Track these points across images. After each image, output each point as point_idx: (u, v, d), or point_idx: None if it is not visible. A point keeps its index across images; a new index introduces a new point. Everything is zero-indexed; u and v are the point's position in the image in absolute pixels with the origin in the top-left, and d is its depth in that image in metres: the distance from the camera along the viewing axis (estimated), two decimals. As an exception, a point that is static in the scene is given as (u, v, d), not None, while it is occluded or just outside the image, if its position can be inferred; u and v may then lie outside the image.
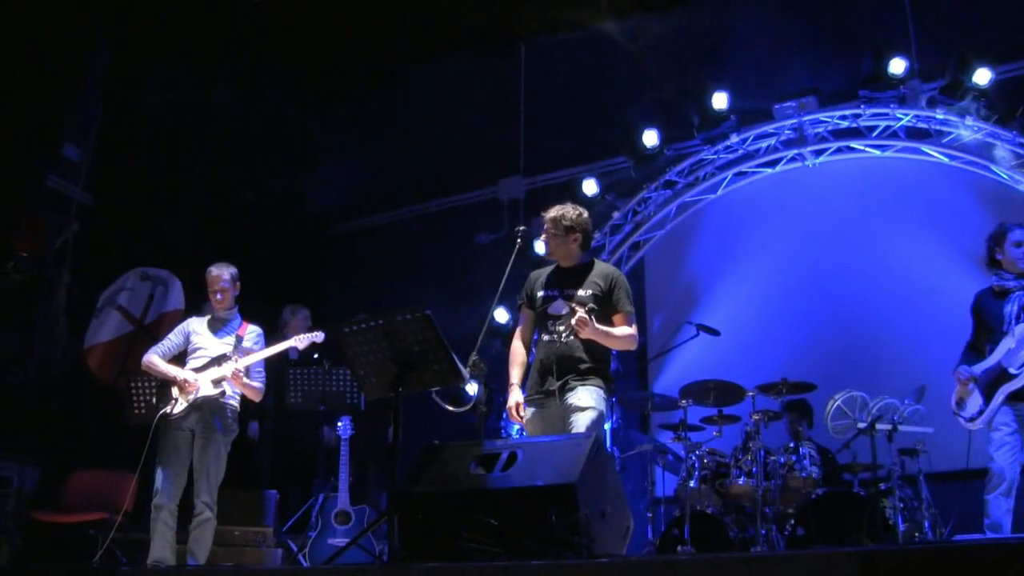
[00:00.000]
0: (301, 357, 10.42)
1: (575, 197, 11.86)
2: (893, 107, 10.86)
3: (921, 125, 10.85)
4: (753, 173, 11.97)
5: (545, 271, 7.13)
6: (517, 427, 7.19)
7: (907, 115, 10.85)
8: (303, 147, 13.95)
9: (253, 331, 8.34)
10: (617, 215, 12.24)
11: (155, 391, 8.06)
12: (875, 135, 11.18)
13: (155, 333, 8.45)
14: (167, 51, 12.17)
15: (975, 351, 7.69)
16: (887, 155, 11.21)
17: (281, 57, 13.10)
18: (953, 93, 10.47)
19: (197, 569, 7.36)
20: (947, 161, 10.72)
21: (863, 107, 11.02)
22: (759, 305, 11.54)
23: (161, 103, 12.32)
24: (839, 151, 11.48)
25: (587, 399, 6.62)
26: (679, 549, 8.55)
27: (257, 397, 8.19)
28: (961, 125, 10.44)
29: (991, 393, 7.39)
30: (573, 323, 6.54)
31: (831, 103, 11.38)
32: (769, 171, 11.91)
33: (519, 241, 7.08)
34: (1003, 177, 10.32)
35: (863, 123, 11.18)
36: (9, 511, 10.03)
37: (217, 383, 7.93)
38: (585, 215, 7.04)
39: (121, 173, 12.30)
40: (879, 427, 8.46)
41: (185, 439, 7.85)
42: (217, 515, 7.92)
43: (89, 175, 12.50)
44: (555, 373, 6.73)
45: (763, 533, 8.50)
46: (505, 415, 7.17)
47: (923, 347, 10.07)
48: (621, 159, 12.38)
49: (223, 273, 8.27)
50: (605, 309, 6.80)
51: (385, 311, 5.96)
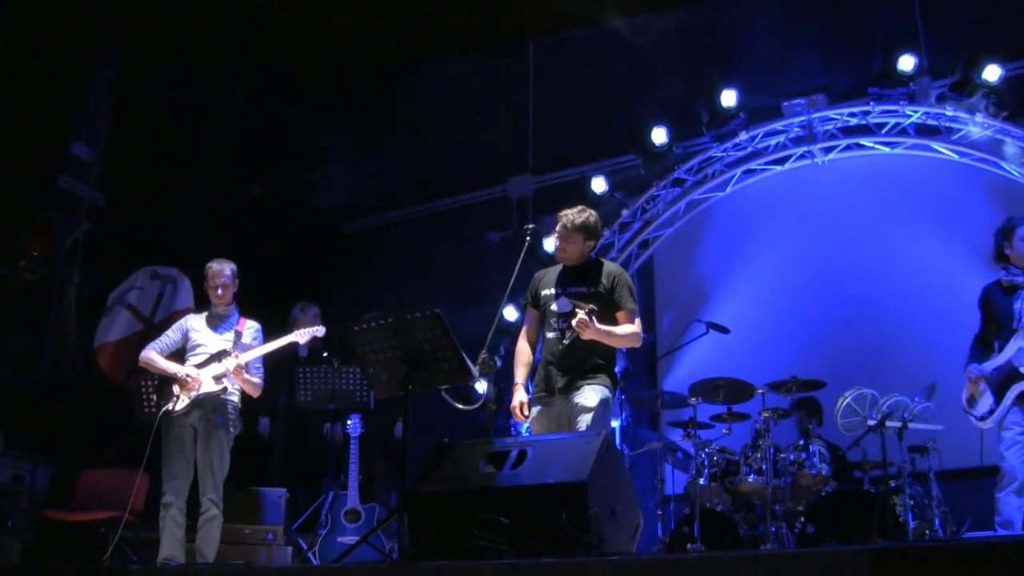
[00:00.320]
0: (311, 356, 10.44)
1: (584, 195, 11.89)
2: (903, 104, 10.84)
3: (931, 122, 10.83)
4: (762, 171, 11.95)
5: (550, 270, 7.16)
6: (526, 425, 7.20)
7: (917, 112, 10.82)
8: (312, 146, 13.94)
9: (251, 326, 8.33)
10: (626, 213, 12.23)
11: (156, 388, 8.07)
12: (885, 132, 11.15)
13: (165, 332, 8.41)
14: (176, 51, 12.19)
15: (984, 344, 7.68)
16: (897, 152, 11.19)
17: (290, 57, 13.11)
18: (963, 90, 10.45)
19: (207, 568, 7.36)
20: (957, 158, 10.70)
21: (873, 104, 10.99)
22: (768, 303, 11.52)
23: (170, 103, 12.33)
24: (849, 148, 11.45)
25: (593, 398, 6.65)
26: (689, 547, 8.54)
27: (256, 392, 8.19)
28: (971, 122, 10.41)
29: (1002, 392, 7.38)
30: (574, 325, 6.56)
31: (841, 100, 11.35)
32: (778, 168, 11.89)
33: (528, 239, 7.08)
34: (1013, 174, 10.29)
35: (873, 120, 11.15)
36: (21, 509, 10.06)
37: (218, 379, 7.95)
38: (595, 216, 7.07)
39: (131, 172, 12.32)
40: (889, 424, 8.44)
41: (189, 436, 7.87)
42: (228, 514, 7.93)
43: (99, 174, 12.52)
44: (561, 371, 6.76)
45: (773, 531, 8.49)
46: None
47: (933, 344, 10.05)
48: (630, 157, 12.36)
49: (224, 268, 8.27)
50: (608, 307, 6.83)
51: (395, 309, 5.96)
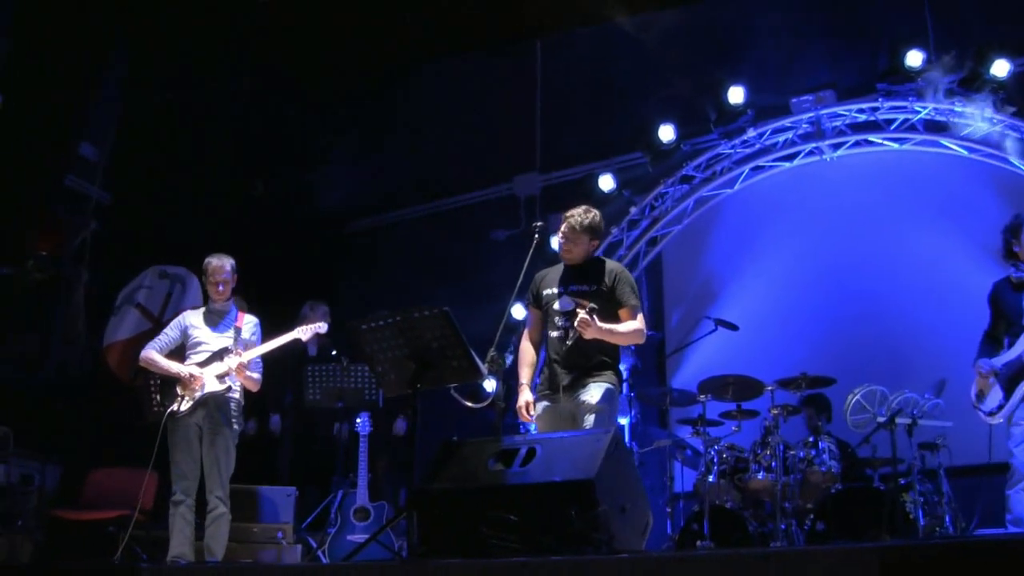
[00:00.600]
0: (320, 354, 10.44)
1: (591, 192, 11.89)
2: (911, 100, 10.80)
3: (939, 118, 10.79)
4: (771, 167, 11.93)
5: (551, 270, 7.19)
6: (534, 424, 7.20)
7: (925, 108, 10.79)
8: (317, 146, 13.95)
9: (250, 321, 8.29)
10: (634, 210, 12.21)
11: (159, 388, 8.04)
12: (893, 128, 11.13)
13: (163, 330, 8.39)
14: (183, 52, 12.19)
15: (993, 341, 7.65)
16: (905, 148, 11.15)
17: (293, 57, 13.11)
18: (971, 85, 10.42)
19: (216, 566, 7.36)
20: (966, 154, 10.67)
21: (881, 100, 10.97)
22: (777, 299, 11.51)
23: (175, 103, 12.34)
24: (857, 144, 11.42)
25: (599, 395, 6.68)
26: (698, 544, 8.54)
27: (255, 388, 8.16)
28: (979, 117, 10.38)
29: (1012, 387, 7.35)
30: (576, 324, 6.57)
31: (849, 97, 11.33)
32: (787, 165, 11.87)
33: (536, 237, 7.08)
34: (1022, 169, 10.26)
35: (881, 116, 11.12)
36: (31, 508, 10.08)
37: (221, 378, 7.92)
38: (600, 216, 7.11)
39: (138, 172, 12.33)
40: (899, 421, 8.42)
41: (195, 435, 7.85)
42: (237, 512, 7.92)
43: (106, 174, 12.54)
44: (565, 370, 6.78)
45: (782, 528, 8.48)
46: None
47: (942, 341, 10.02)
48: (638, 154, 12.32)
49: (224, 264, 8.19)
50: (610, 304, 6.86)
51: (403, 308, 5.96)
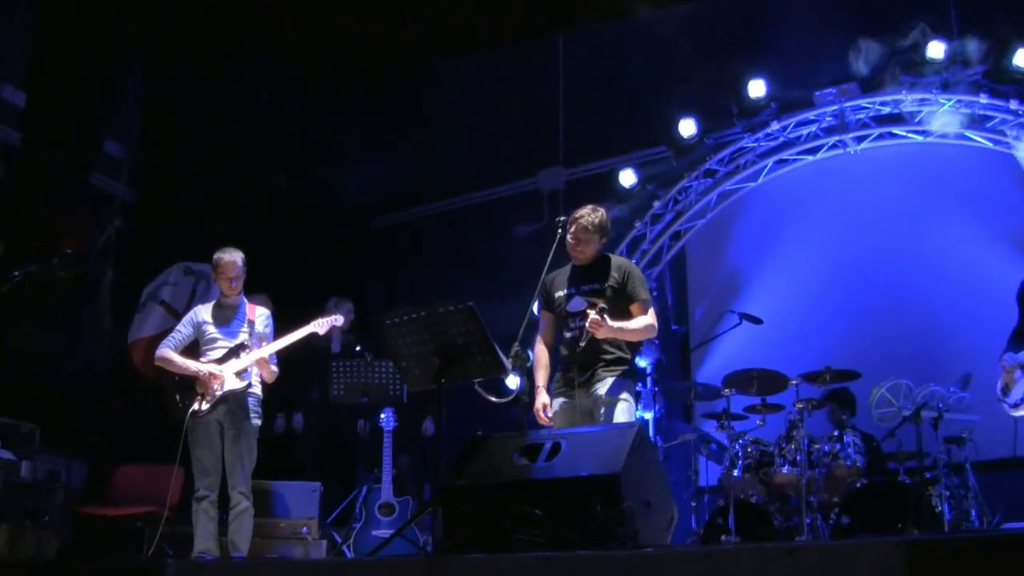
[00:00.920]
0: (343, 351, 10.46)
1: (615, 186, 11.88)
2: (935, 92, 10.75)
3: (964, 110, 10.73)
4: (794, 160, 11.89)
5: (559, 272, 7.20)
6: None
7: (950, 100, 10.73)
8: (343, 141, 13.97)
9: (262, 314, 8.24)
10: (658, 204, 12.18)
11: (177, 388, 8.01)
12: (917, 121, 11.08)
13: (175, 327, 8.36)
14: (207, 48, 12.23)
15: (1022, 338, 7.61)
16: (930, 140, 11.09)
17: (321, 52, 13.13)
18: (996, 77, 10.37)
19: (242, 561, 7.39)
20: (991, 146, 10.60)
21: (905, 92, 10.91)
22: (802, 293, 11.48)
23: (199, 100, 12.38)
24: (881, 137, 11.38)
25: (617, 391, 6.71)
26: (723, 539, 8.53)
27: (272, 379, 8.12)
28: (1005, 109, 10.33)
29: (1037, 381, 7.33)
30: (587, 326, 6.57)
31: (873, 89, 11.28)
32: (810, 158, 11.83)
33: (560, 232, 7.07)
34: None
35: (905, 109, 11.07)
36: (57, 505, 10.13)
37: (240, 374, 7.89)
38: (607, 214, 7.14)
39: (163, 169, 12.38)
40: (924, 415, 8.40)
41: (216, 431, 7.83)
42: (262, 508, 7.94)
43: (131, 172, 12.60)
44: (581, 367, 6.80)
45: (808, 522, 8.46)
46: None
47: (968, 334, 9.98)
48: (661, 148, 12.30)
49: (236, 259, 8.09)
50: (621, 300, 6.87)
51: (428, 303, 5.97)
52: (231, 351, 7.96)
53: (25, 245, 10.56)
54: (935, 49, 10.53)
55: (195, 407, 7.80)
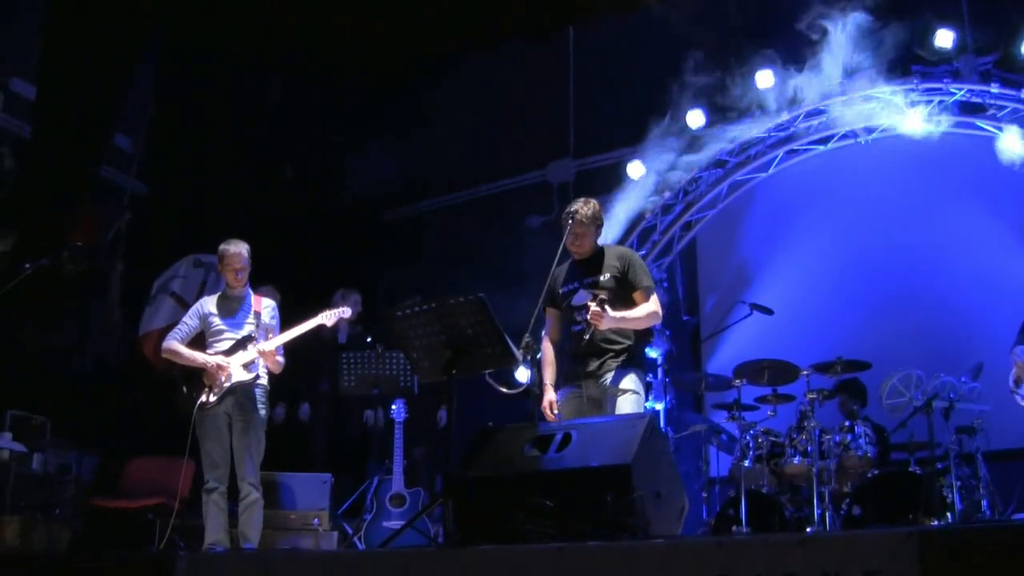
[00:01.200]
0: (355, 342, 10.46)
1: (625, 177, 11.86)
2: (947, 82, 10.71)
3: (975, 100, 10.69)
4: (805, 151, 11.85)
5: (561, 268, 7.21)
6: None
7: (961, 90, 10.68)
8: (354, 134, 13.98)
9: (268, 305, 8.23)
10: (668, 195, 12.15)
11: (184, 380, 7.99)
12: (929, 110, 11.03)
13: (182, 319, 8.34)
14: (217, 40, 12.24)
15: (1034, 330, 7.61)
16: (941, 130, 11.05)
17: (330, 45, 13.13)
18: (1007, 66, 10.34)
19: (253, 553, 7.40)
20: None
21: (916, 82, 10.87)
22: (813, 283, 11.46)
23: (209, 92, 12.39)
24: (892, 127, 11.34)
25: (626, 382, 6.74)
26: (734, 529, 8.53)
27: (279, 370, 8.09)
28: (1017, 99, 10.29)
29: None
30: (589, 319, 6.57)
31: (883, 79, 11.23)
32: (821, 148, 11.78)
33: (570, 223, 7.07)
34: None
35: (916, 98, 11.03)
36: (68, 497, 10.15)
37: (247, 366, 7.88)
38: (598, 204, 7.13)
39: (172, 162, 12.40)
40: (936, 405, 8.38)
41: (224, 423, 7.82)
42: (273, 500, 7.93)
43: (141, 165, 12.61)
44: (589, 357, 6.81)
45: (819, 513, 8.45)
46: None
47: (979, 324, 9.96)
48: (671, 139, 12.26)
49: (242, 250, 8.06)
50: (625, 289, 6.89)
51: (438, 295, 5.96)
52: (238, 343, 7.94)
53: (35, 238, 10.60)
54: (943, 38, 10.50)
55: (203, 399, 7.80)
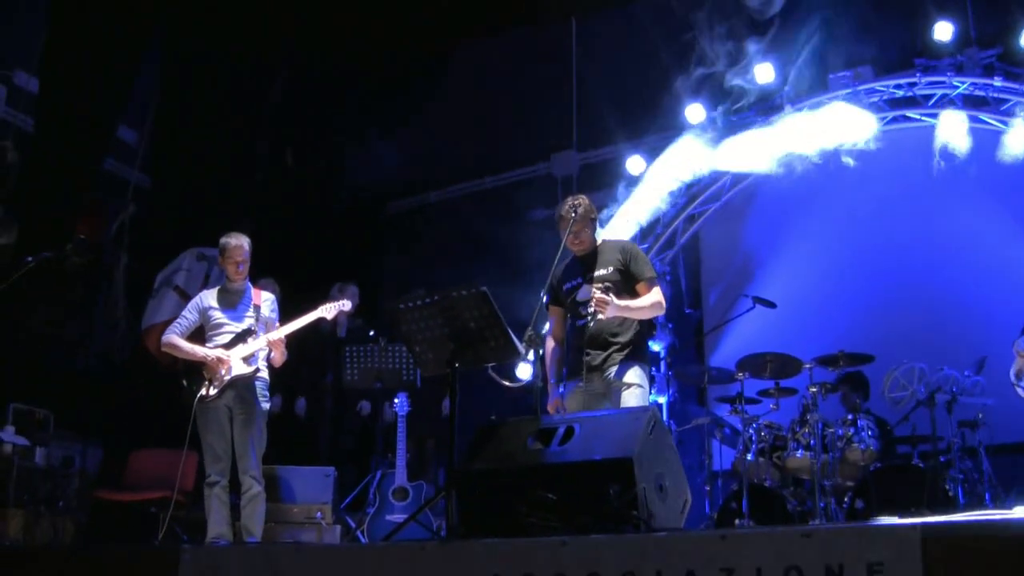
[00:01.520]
0: (355, 335, 10.46)
1: (626, 171, 11.88)
2: (950, 75, 10.71)
3: (978, 93, 10.69)
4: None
5: (563, 265, 7.21)
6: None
7: (964, 83, 10.69)
8: (357, 127, 13.97)
9: (268, 298, 8.20)
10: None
11: (185, 373, 7.97)
12: (931, 104, 11.03)
13: (181, 313, 8.32)
14: (220, 33, 12.23)
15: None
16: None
17: (333, 36, 13.12)
18: (1010, 59, 10.34)
19: (257, 546, 7.40)
20: (1005, 128, 10.56)
21: (919, 75, 10.87)
22: (815, 276, 11.46)
23: (214, 85, 12.39)
24: (895, 120, 11.33)
25: (630, 375, 6.74)
26: (737, 523, 8.54)
27: (281, 362, 8.05)
28: (1020, 92, 10.28)
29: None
30: (593, 304, 6.58)
31: (887, 72, 11.24)
32: (824, 141, 11.80)
33: (573, 215, 7.07)
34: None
35: (919, 92, 11.03)
36: (73, 490, 10.17)
37: (247, 359, 7.85)
38: (586, 198, 7.12)
39: (176, 155, 12.40)
40: (938, 399, 8.38)
41: (225, 416, 7.78)
42: (276, 493, 7.92)
43: (145, 157, 12.62)
44: (592, 351, 6.82)
45: (821, 506, 8.45)
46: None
47: (982, 317, 9.96)
48: (675, 132, 12.24)
49: (243, 243, 8.03)
50: (628, 282, 6.90)
51: (441, 287, 5.96)
52: (238, 336, 7.91)
53: (39, 231, 10.62)
54: (942, 31, 10.49)
55: (203, 392, 7.79)
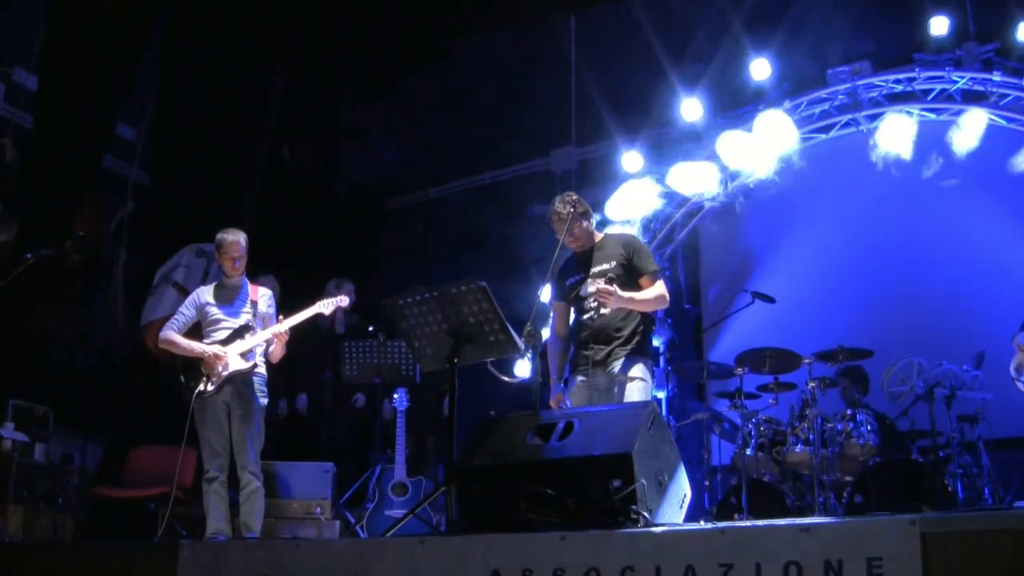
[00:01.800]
0: (353, 331, 10.46)
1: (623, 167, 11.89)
2: (949, 70, 10.71)
3: (977, 88, 10.69)
4: (807, 139, 11.85)
5: (567, 260, 7.24)
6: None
7: (963, 78, 10.69)
8: (357, 122, 13.98)
9: (265, 293, 8.18)
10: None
11: (182, 369, 7.93)
12: (930, 99, 11.03)
13: (179, 310, 8.30)
14: (220, 30, 12.23)
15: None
16: (943, 119, 11.05)
17: (333, 33, 13.12)
18: (1009, 54, 10.35)
19: (256, 541, 7.40)
20: (1004, 124, 10.58)
21: (918, 70, 10.87)
22: (815, 271, 11.46)
23: (214, 82, 12.39)
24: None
25: (633, 370, 6.73)
26: (736, 517, 8.54)
27: (280, 356, 8.02)
28: (1019, 87, 10.29)
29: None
30: (597, 294, 6.59)
31: (886, 67, 11.23)
32: (823, 136, 11.81)
33: (571, 211, 7.07)
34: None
35: (918, 87, 11.02)
36: (72, 487, 10.18)
37: (245, 355, 7.82)
38: (575, 194, 7.13)
39: (175, 152, 12.39)
40: (937, 393, 8.39)
41: (223, 411, 7.75)
42: (275, 489, 7.91)
43: (144, 154, 12.61)
44: (596, 345, 6.82)
45: (820, 501, 8.45)
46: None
47: (981, 312, 9.97)
48: (674, 125, 12.24)
49: (240, 239, 7.99)
50: (632, 275, 6.90)
51: (441, 283, 5.96)
52: (235, 332, 7.90)
53: (38, 228, 10.62)
54: (938, 25, 10.49)
55: (200, 388, 7.79)
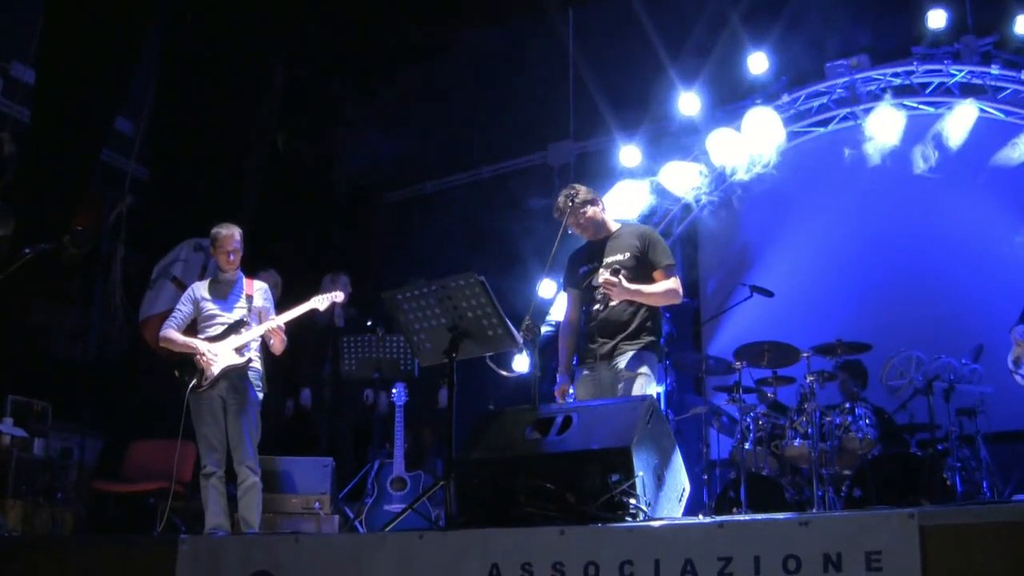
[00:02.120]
0: (351, 325, 10.46)
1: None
2: (947, 63, 10.71)
3: (976, 81, 10.69)
4: (805, 132, 11.87)
5: (581, 248, 7.20)
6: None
7: (961, 71, 10.69)
8: (355, 116, 13.96)
9: (260, 287, 8.18)
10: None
11: (178, 364, 7.93)
12: (929, 92, 11.03)
13: (176, 307, 8.29)
14: (218, 25, 12.21)
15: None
16: (941, 112, 11.05)
17: (331, 26, 13.11)
18: (1007, 47, 10.35)
19: (255, 536, 7.40)
20: (1003, 117, 10.58)
21: (916, 64, 10.87)
22: (813, 265, 11.46)
23: (212, 76, 12.37)
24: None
25: (638, 363, 6.67)
26: (735, 511, 8.54)
27: (280, 350, 8.02)
28: (1017, 80, 10.29)
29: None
30: (602, 285, 6.59)
31: (884, 60, 11.23)
32: (821, 130, 11.82)
33: (572, 203, 7.06)
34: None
35: (916, 80, 11.03)
36: (71, 482, 10.17)
37: (240, 350, 7.83)
38: (579, 185, 7.11)
39: (174, 146, 12.38)
40: (936, 387, 8.38)
41: (219, 406, 7.75)
42: (274, 484, 7.90)
43: (142, 148, 12.60)
44: (603, 338, 6.79)
45: (819, 495, 8.45)
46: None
47: (980, 306, 9.97)
48: (671, 119, 12.24)
49: (234, 233, 8.01)
50: (645, 268, 6.85)
51: (439, 277, 5.96)
52: (230, 327, 7.90)
53: (36, 223, 10.60)
54: (935, 18, 10.49)
55: (195, 383, 7.79)
